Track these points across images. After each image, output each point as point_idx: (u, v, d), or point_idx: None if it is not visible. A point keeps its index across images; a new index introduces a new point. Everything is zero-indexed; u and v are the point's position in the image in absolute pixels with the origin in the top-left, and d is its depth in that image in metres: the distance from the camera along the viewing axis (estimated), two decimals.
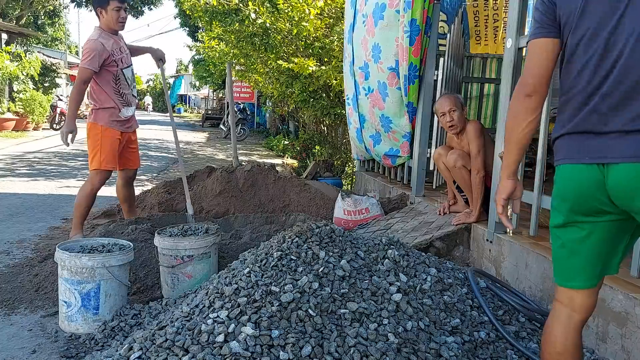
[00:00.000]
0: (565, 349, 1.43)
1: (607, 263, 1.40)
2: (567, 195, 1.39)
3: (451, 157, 3.30)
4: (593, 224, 1.37)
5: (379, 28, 4.12)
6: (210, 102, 31.47)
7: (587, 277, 1.41)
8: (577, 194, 1.36)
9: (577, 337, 1.44)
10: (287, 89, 7.97)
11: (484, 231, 3.03)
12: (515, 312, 2.37)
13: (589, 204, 1.35)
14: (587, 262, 1.40)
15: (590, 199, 1.34)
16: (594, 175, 1.32)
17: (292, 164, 9.67)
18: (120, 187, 3.85)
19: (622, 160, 1.26)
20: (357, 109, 4.81)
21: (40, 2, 20.86)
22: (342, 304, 1.96)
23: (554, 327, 1.46)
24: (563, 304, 1.46)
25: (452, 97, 3.38)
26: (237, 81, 14.00)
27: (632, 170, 1.25)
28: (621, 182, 1.27)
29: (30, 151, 10.00)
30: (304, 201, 4.42)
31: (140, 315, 2.45)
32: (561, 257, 1.45)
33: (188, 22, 15.67)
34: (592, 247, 1.38)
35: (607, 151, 1.29)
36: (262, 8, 7.02)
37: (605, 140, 1.29)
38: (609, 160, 1.28)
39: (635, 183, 1.25)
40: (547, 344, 1.47)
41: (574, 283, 1.43)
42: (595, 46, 1.30)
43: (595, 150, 1.31)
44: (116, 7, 3.41)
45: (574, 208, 1.38)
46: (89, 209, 3.60)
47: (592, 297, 1.44)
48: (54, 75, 18.08)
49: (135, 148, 3.80)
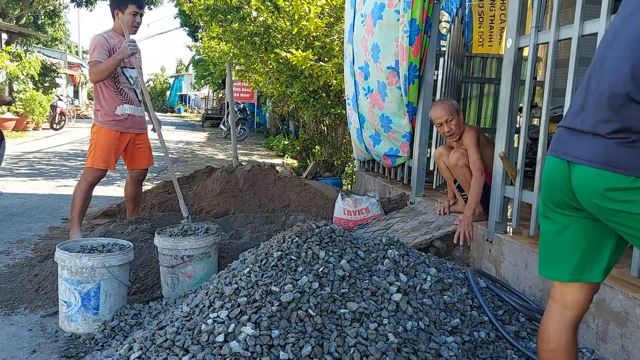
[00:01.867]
0: (558, 346, 1.43)
1: (587, 263, 1.39)
2: (544, 186, 1.42)
3: (453, 156, 3.30)
4: (568, 217, 1.38)
5: (378, 28, 4.12)
6: (210, 102, 31.47)
7: (563, 270, 1.41)
8: (549, 185, 1.39)
9: (571, 335, 1.44)
10: (287, 89, 7.97)
11: (484, 231, 3.03)
12: (515, 312, 2.37)
13: (558, 196, 1.37)
14: (563, 256, 1.40)
15: (559, 191, 1.36)
16: (563, 169, 1.33)
17: (292, 164, 9.67)
18: (128, 186, 3.89)
19: (581, 162, 1.26)
20: (357, 109, 4.81)
21: (40, 2, 20.86)
22: (342, 304, 1.96)
23: (547, 323, 1.47)
24: (555, 300, 1.47)
25: (447, 105, 3.31)
26: (237, 81, 13.99)
27: (588, 174, 1.25)
28: (579, 183, 1.29)
29: (30, 151, 10.00)
30: (304, 201, 4.42)
31: (140, 315, 2.45)
32: (541, 245, 1.48)
33: (188, 22, 15.67)
34: (566, 241, 1.39)
35: (573, 149, 1.30)
36: (263, 6, 7.01)
37: (576, 138, 1.30)
38: (570, 158, 1.30)
39: (591, 186, 1.25)
40: (541, 340, 1.47)
41: (549, 272, 1.45)
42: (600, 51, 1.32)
43: (565, 146, 1.33)
44: (133, 11, 3.49)
45: (548, 197, 1.40)
46: (84, 206, 3.60)
47: (582, 293, 1.43)
48: (54, 75, 18.09)
49: (142, 148, 3.78)
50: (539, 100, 5.69)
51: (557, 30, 2.48)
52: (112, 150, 3.58)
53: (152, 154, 3.91)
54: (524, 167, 2.78)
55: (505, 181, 2.86)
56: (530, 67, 2.68)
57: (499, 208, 2.88)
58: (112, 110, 3.54)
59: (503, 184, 2.86)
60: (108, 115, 3.54)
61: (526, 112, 2.73)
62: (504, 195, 2.87)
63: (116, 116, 3.56)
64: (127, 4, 3.46)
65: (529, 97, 2.70)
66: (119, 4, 3.49)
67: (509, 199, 2.90)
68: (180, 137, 15.88)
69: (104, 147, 3.55)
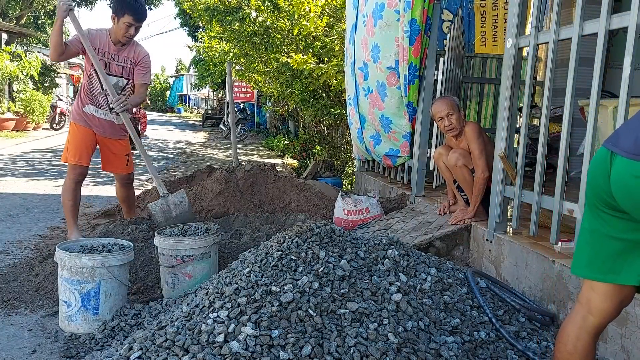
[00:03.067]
0: (575, 349, 1.40)
1: (624, 266, 1.32)
2: (587, 180, 1.35)
3: (452, 156, 3.30)
4: (608, 216, 1.31)
5: (379, 28, 4.12)
6: (210, 102, 31.47)
7: (596, 270, 1.36)
8: (591, 178, 1.33)
9: (590, 341, 1.41)
10: (287, 89, 7.97)
11: (484, 231, 3.03)
12: (515, 312, 2.37)
13: (596, 191, 1.30)
14: (597, 255, 1.35)
15: (597, 185, 1.30)
16: (605, 161, 1.26)
17: (292, 164, 9.67)
18: (117, 188, 3.95)
19: (622, 154, 1.20)
20: (358, 110, 4.81)
21: (40, 2, 20.84)
22: (342, 304, 1.96)
23: (569, 325, 1.44)
24: (581, 304, 1.43)
25: (448, 100, 3.34)
26: (237, 81, 14.00)
27: (627, 167, 1.19)
28: (617, 177, 1.22)
29: (30, 151, 10.00)
30: (304, 201, 4.42)
31: (140, 315, 2.45)
32: (578, 243, 1.42)
33: (188, 22, 15.66)
34: (604, 241, 1.34)
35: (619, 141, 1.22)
36: (263, 7, 7.01)
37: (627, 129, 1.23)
38: (612, 148, 1.23)
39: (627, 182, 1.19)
40: (560, 342, 1.45)
41: (581, 271, 1.40)
42: None
43: (619, 138, 1.24)
44: (128, 22, 3.38)
45: (589, 193, 1.34)
46: (75, 206, 3.60)
47: (610, 302, 1.38)
48: (54, 75, 18.08)
49: (117, 154, 3.74)
50: (539, 100, 5.68)
51: (557, 30, 2.48)
52: (81, 145, 3.57)
53: (132, 162, 3.86)
54: (524, 167, 2.78)
55: (505, 181, 2.86)
56: (530, 67, 2.68)
57: (499, 208, 2.88)
58: (81, 107, 3.58)
59: (503, 184, 2.86)
60: (77, 112, 3.59)
61: (526, 112, 2.73)
62: (504, 195, 2.87)
63: (84, 113, 3.57)
64: (124, 13, 3.37)
65: (529, 97, 2.70)
66: (117, 9, 3.40)
67: (509, 199, 2.90)
68: (180, 137, 15.88)
69: (73, 141, 3.58)
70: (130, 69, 3.57)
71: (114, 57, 3.51)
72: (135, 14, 3.38)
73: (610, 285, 1.37)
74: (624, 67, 2.08)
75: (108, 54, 3.48)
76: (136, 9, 3.38)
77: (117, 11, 3.39)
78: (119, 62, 3.54)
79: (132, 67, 3.58)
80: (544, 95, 2.58)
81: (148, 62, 3.62)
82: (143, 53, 3.60)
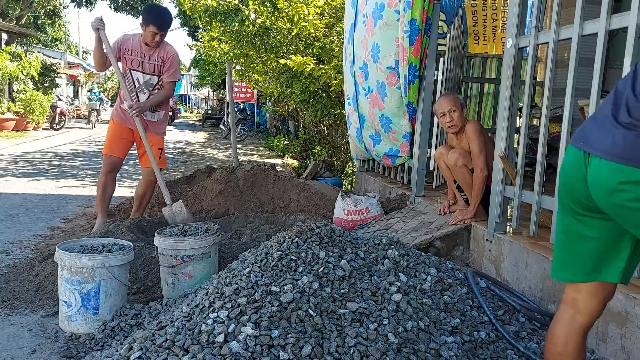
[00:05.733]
0: (565, 350, 1.41)
1: (603, 264, 1.34)
2: (560, 183, 1.35)
3: (452, 156, 3.30)
4: (584, 218, 1.31)
5: (379, 28, 4.12)
6: (210, 102, 31.46)
7: (577, 272, 1.37)
8: (565, 180, 1.32)
9: (579, 340, 1.41)
10: (287, 89, 7.97)
11: (483, 231, 3.03)
12: (515, 312, 2.37)
13: (573, 195, 1.29)
14: (577, 257, 1.36)
15: (573, 189, 1.28)
16: (578, 162, 1.25)
17: (292, 164, 9.67)
18: (140, 184, 4.13)
19: (602, 155, 1.18)
20: (357, 109, 4.81)
21: (40, 2, 20.86)
22: (342, 304, 1.96)
23: (557, 326, 1.45)
24: (567, 304, 1.44)
25: (452, 97, 3.38)
26: (237, 81, 13.99)
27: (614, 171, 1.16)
28: (599, 181, 1.20)
29: (30, 151, 10.00)
30: (304, 201, 4.41)
31: (140, 315, 2.45)
32: (555, 246, 1.44)
33: (188, 22, 15.65)
34: (582, 243, 1.34)
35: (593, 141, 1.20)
36: (262, 8, 7.01)
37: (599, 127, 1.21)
38: (586, 148, 1.21)
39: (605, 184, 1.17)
40: (549, 342, 1.46)
41: (562, 274, 1.42)
42: None
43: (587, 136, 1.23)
44: (153, 31, 3.71)
45: (563, 196, 1.34)
46: (104, 195, 3.90)
47: (595, 299, 1.39)
48: (54, 75, 18.12)
49: (144, 148, 3.90)
50: (539, 100, 5.69)
51: (557, 30, 2.48)
52: (113, 137, 3.90)
53: (165, 158, 4.11)
54: (524, 167, 2.78)
55: (505, 181, 2.86)
56: (530, 67, 2.69)
57: (499, 208, 2.88)
58: (119, 104, 3.91)
59: (503, 184, 2.86)
60: (116, 109, 3.94)
61: (526, 112, 2.73)
62: (504, 195, 2.87)
63: (121, 109, 3.87)
64: (149, 23, 3.70)
65: (529, 97, 2.70)
66: (143, 19, 3.74)
67: (509, 199, 2.90)
68: (180, 137, 15.87)
69: (108, 135, 3.96)
70: (161, 66, 3.86)
71: (146, 56, 3.82)
72: (158, 24, 3.72)
73: (594, 284, 1.38)
74: (624, 67, 2.08)
75: (140, 53, 3.81)
76: (159, 21, 3.72)
77: (144, 21, 3.73)
78: (150, 61, 3.84)
79: (163, 64, 3.86)
80: (544, 95, 2.58)
81: (174, 61, 3.88)
82: (171, 52, 3.87)
